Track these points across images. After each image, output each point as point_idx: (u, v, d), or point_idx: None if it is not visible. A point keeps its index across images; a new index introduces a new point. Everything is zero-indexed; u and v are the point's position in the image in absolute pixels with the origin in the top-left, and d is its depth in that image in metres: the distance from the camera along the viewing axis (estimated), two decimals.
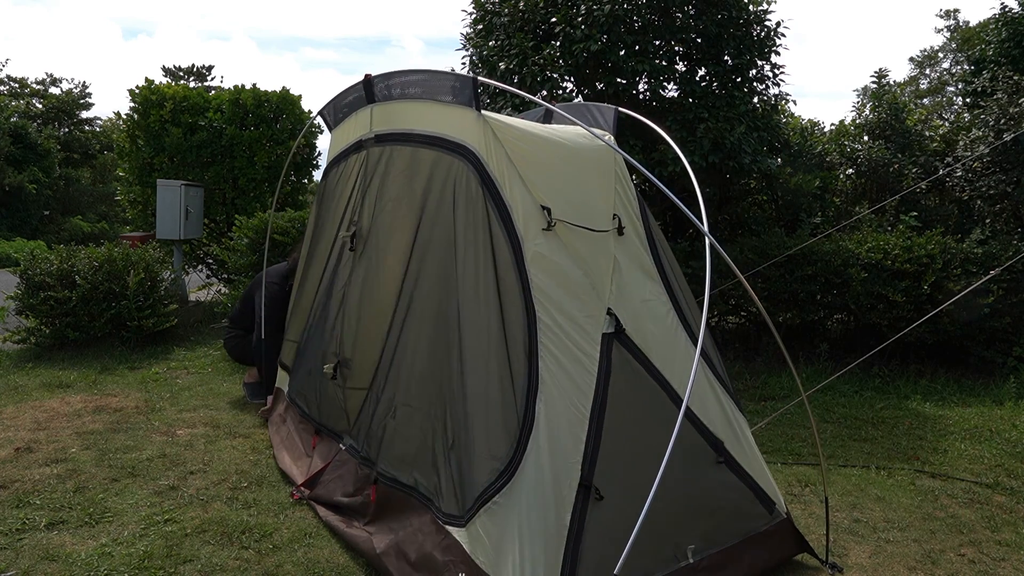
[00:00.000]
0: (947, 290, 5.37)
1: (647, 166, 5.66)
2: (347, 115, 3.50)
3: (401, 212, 2.86)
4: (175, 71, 31.80)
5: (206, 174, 7.70)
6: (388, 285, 2.88)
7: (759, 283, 5.64)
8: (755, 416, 4.48)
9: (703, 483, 2.55)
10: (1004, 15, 8.34)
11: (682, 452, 2.45)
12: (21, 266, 5.84)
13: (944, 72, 28.64)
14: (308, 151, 8.43)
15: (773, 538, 2.63)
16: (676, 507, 2.41)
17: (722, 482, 2.59)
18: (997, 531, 3.05)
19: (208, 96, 8.03)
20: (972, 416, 4.69)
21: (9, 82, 29.37)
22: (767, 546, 2.61)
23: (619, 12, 5.34)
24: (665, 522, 2.36)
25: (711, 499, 2.54)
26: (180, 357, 5.61)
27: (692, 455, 2.53)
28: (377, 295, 2.95)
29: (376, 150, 3.13)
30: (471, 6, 6.25)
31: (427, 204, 2.70)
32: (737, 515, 2.58)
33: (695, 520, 2.47)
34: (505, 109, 5.67)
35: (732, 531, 2.55)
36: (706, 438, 2.59)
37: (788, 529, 2.68)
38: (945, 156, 7.13)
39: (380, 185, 3.07)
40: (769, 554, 2.61)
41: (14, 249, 14.01)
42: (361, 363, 3.01)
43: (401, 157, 2.94)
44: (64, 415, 4.04)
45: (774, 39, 6.00)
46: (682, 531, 2.42)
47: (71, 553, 2.57)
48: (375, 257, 3.02)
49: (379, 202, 3.05)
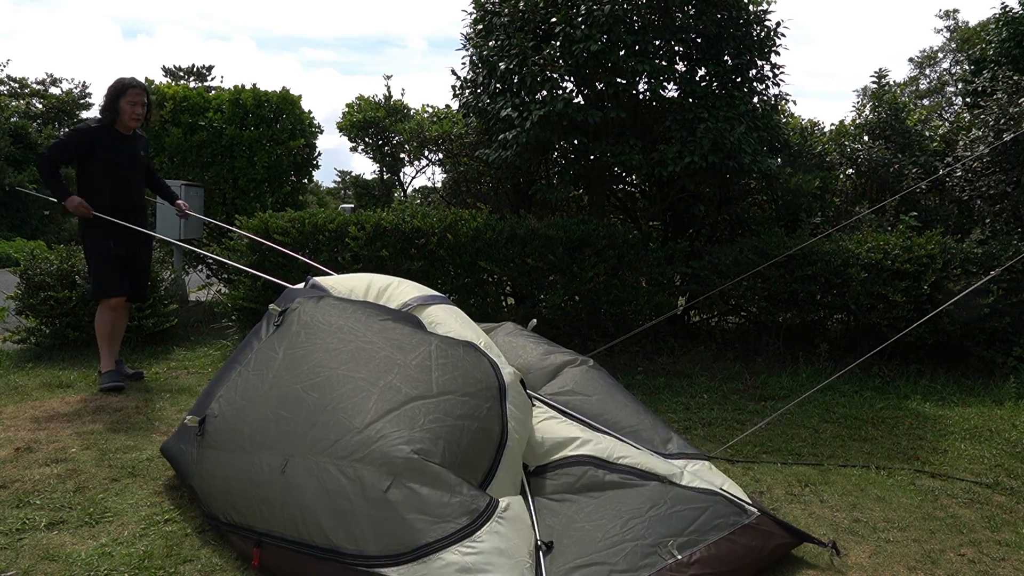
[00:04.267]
0: (947, 290, 5.37)
1: (647, 166, 5.67)
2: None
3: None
4: (175, 71, 31.81)
5: (206, 174, 7.70)
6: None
7: (759, 283, 5.64)
8: (755, 416, 4.48)
9: (662, 501, 2.60)
10: (1004, 15, 8.34)
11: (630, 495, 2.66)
12: (21, 266, 5.84)
13: (944, 72, 28.63)
14: (308, 151, 8.43)
15: (760, 529, 2.60)
16: (644, 530, 2.48)
17: (683, 495, 2.64)
18: (997, 531, 3.05)
19: (208, 96, 8.03)
20: (972, 416, 4.69)
21: (9, 82, 29.36)
22: (758, 536, 2.58)
23: (619, 12, 5.34)
24: (635, 538, 2.42)
25: (679, 509, 2.58)
26: (180, 357, 5.61)
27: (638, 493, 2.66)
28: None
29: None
30: (471, 6, 6.26)
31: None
32: (715, 515, 2.58)
33: (671, 525, 2.51)
34: (505, 109, 5.68)
35: (715, 528, 2.53)
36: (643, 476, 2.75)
37: (771, 521, 2.66)
38: (945, 156, 7.13)
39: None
40: (762, 542, 2.57)
41: (14, 249, 14.01)
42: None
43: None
44: (64, 415, 4.04)
45: (774, 39, 6.00)
46: (661, 536, 2.45)
47: (71, 553, 2.57)
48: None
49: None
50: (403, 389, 2.59)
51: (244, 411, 2.79)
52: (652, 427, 3.16)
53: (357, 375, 2.68)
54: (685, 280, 6.00)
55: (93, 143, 4.51)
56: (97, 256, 4.59)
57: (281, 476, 2.46)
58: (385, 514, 2.23)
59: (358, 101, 8.64)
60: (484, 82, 6.02)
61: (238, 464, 2.65)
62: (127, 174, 4.66)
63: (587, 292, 5.69)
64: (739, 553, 2.48)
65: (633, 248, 5.71)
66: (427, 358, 2.72)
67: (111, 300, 4.63)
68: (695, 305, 6.20)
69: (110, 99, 4.55)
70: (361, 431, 2.46)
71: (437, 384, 2.61)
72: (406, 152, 8.51)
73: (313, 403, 2.63)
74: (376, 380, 2.64)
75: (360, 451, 2.40)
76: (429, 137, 7.62)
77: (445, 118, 7.67)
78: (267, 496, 2.49)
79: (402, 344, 2.80)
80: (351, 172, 16.64)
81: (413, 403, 2.54)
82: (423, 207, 7.04)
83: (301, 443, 2.53)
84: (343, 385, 2.65)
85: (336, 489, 2.34)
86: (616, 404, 3.24)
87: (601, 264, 5.62)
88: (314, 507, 2.34)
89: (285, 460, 2.49)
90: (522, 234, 5.60)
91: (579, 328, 5.88)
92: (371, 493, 2.28)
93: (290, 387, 2.74)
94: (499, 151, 5.92)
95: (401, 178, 9.01)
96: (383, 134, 8.56)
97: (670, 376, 5.44)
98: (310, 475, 2.41)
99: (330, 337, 2.87)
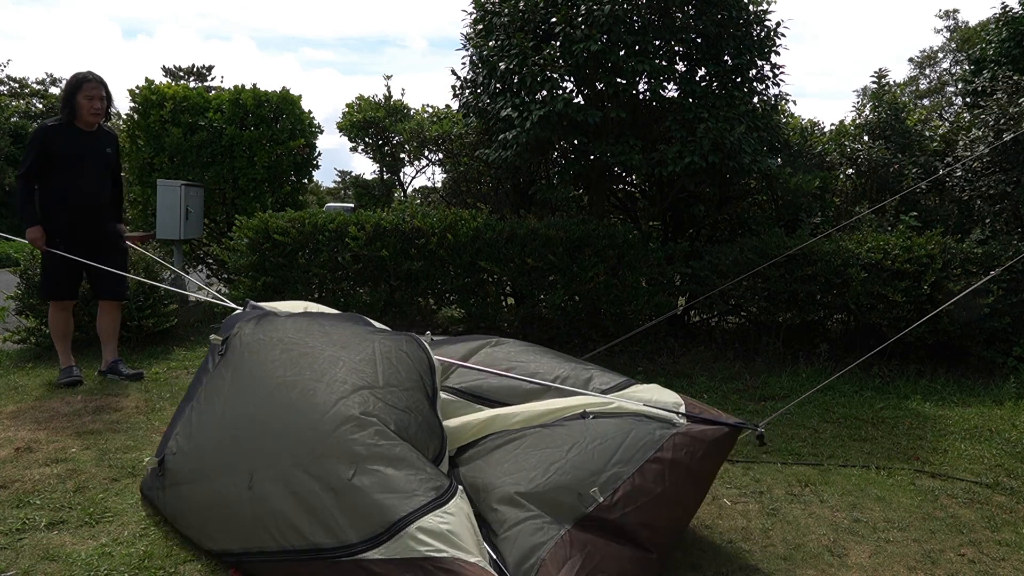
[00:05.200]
0: (947, 290, 5.37)
1: (647, 166, 5.67)
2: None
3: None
4: (175, 71, 31.82)
5: (206, 174, 7.70)
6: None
7: (759, 283, 5.64)
8: (755, 416, 4.48)
9: (583, 438, 2.52)
10: (1004, 15, 8.34)
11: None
12: (21, 266, 5.84)
13: (944, 72, 28.65)
14: (308, 151, 8.43)
15: (689, 436, 2.47)
16: (566, 476, 2.41)
17: (602, 426, 2.56)
18: (997, 531, 3.06)
19: (208, 96, 8.03)
20: (972, 416, 4.69)
21: (9, 82, 29.36)
22: (686, 443, 2.45)
23: (619, 12, 5.34)
24: (558, 486, 2.37)
25: (598, 444, 2.47)
26: (180, 357, 5.61)
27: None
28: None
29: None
30: (471, 6, 6.26)
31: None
32: (638, 438, 2.47)
33: (594, 462, 2.41)
34: (505, 109, 5.68)
35: (641, 449, 2.43)
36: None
37: (698, 422, 2.53)
38: (945, 156, 7.13)
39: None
40: (692, 448, 2.44)
41: (14, 249, 14.00)
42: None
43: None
44: (64, 415, 4.04)
45: (774, 39, 6.00)
46: (582, 478, 2.38)
47: (71, 553, 2.57)
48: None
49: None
50: (350, 380, 2.59)
51: (201, 442, 2.76)
52: (574, 371, 3.00)
53: (303, 377, 2.65)
54: (685, 280, 6.00)
55: (52, 141, 4.46)
56: (47, 258, 4.61)
57: (248, 491, 2.44)
58: (355, 500, 2.23)
59: (358, 101, 8.64)
60: (484, 82, 6.02)
61: (203, 492, 2.63)
62: (87, 171, 4.59)
63: (587, 292, 5.69)
64: (666, 472, 2.38)
65: (633, 248, 5.71)
66: (371, 354, 2.73)
67: (60, 301, 4.69)
68: (695, 305, 6.20)
69: (67, 95, 4.51)
70: (315, 428, 2.46)
71: (383, 377, 2.62)
72: (406, 152, 8.51)
73: (266, 415, 2.61)
74: (321, 377, 2.63)
75: (319, 447, 2.40)
76: (429, 137, 7.62)
77: (445, 118, 7.67)
78: (238, 514, 2.47)
79: (345, 343, 2.81)
80: (351, 172, 16.64)
81: (361, 391, 2.54)
82: (423, 207, 7.04)
83: (261, 456, 2.51)
84: (291, 390, 2.63)
85: (304, 489, 2.33)
86: (530, 359, 3.11)
87: (601, 264, 5.62)
88: (287, 511, 2.33)
89: (250, 475, 2.47)
90: (522, 234, 5.60)
91: (579, 328, 5.88)
92: (337, 484, 2.28)
93: (243, 408, 2.72)
94: (499, 151, 5.92)
95: (401, 178, 9.02)
96: (383, 134, 8.56)
97: (670, 376, 5.44)
98: (276, 483, 2.40)
99: (272, 351, 2.85)
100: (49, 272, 4.68)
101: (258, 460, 2.51)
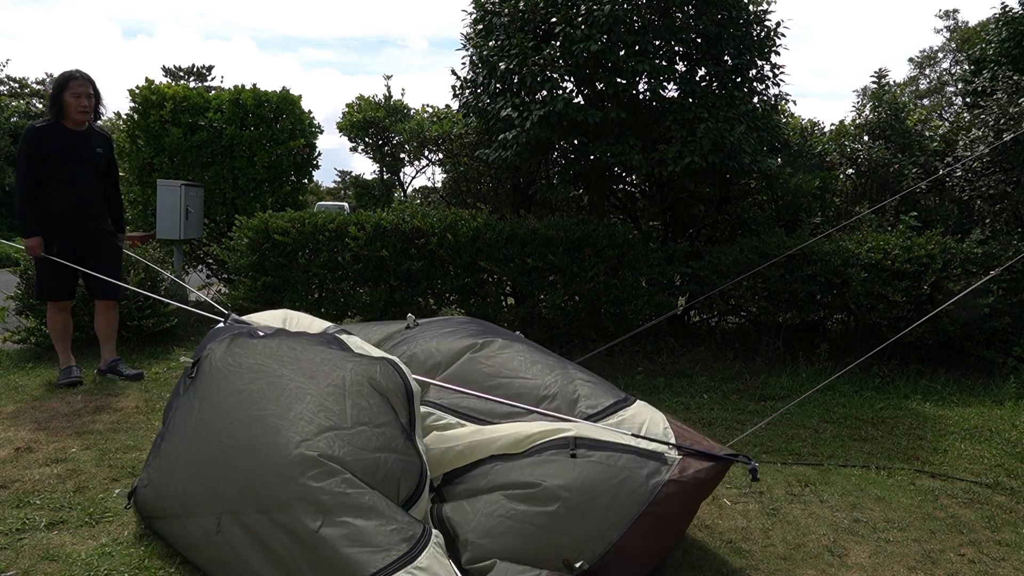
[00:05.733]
0: (947, 290, 5.37)
1: (647, 166, 5.67)
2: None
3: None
4: (175, 71, 31.83)
5: (206, 174, 7.70)
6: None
7: (759, 283, 5.64)
8: (755, 416, 4.49)
9: (572, 486, 2.38)
10: (1004, 15, 8.33)
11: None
12: (21, 266, 5.84)
13: (944, 72, 28.65)
14: (308, 151, 8.43)
15: (683, 480, 2.37)
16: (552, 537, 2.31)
17: (587, 474, 2.41)
18: (997, 531, 3.06)
19: (208, 96, 8.03)
20: (972, 416, 4.69)
21: (9, 82, 29.37)
22: (680, 488, 2.35)
23: (619, 12, 5.34)
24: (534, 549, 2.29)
25: (583, 499, 2.35)
26: (180, 357, 5.61)
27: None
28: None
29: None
30: (471, 6, 6.26)
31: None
32: (631, 487, 2.35)
33: (584, 521, 2.31)
34: (505, 109, 5.68)
35: (627, 515, 2.31)
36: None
37: (690, 454, 2.43)
38: (945, 156, 7.13)
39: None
40: (687, 492, 2.36)
41: (14, 249, 14.02)
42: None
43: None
44: (64, 415, 4.04)
45: (774, 39, 6.00)
46: (566, 551, 2.29)
47: (71, 553, 2.57)
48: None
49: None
50: (316, 420, 2.47)
51: (170, 475, 2.69)
52: (562, 387, 2.83)
53: (267, 412, 2.54)
54: (685, 280, 6.00)
55: (41, 141, 4.43)
56: (42, 259, 4.62)
57: (218, 535, 2.40)
58: (325, 553, 2.16)
59: (358, 101, 8.64)
60: (484, 82, 6.02)
61: (174, 531, 2.60)
62: (77, 171, 4.56)
63: (587, 292, 5.69)
64: (655, 523, 2.32)
65: (633, 248, 5.71)
66: (341, 386, 2.58)
67: (57, 302, 4.70)
68: (695, 305, 6.20)
69: (54, 94, 4.49)
70: (279, 473, 2.36)
71: (352, 415, 2.50)
72: (406, 152, 8.51)
73: (232, 452, 2.52)
74: (287, 412, 2.51)
75: (283, 492, 2.31)
76: (429, 137, 7.62)
77: (445, 118, 7.67)
78: (209, 557, 2.44)
79: (315, 372, 2.67)
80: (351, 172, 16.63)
81: (326, 433, 2.42)
82: (423, 207, 7.04)
83: (228, 499, 2.44)
84: (255, 426, 2.53)
85: (271, 540, 2.26)
86: (516, 368, 2.96)
87: (601, 264, 5.62)
88: (254, 563, 2.27)
89: (217, 520, 2.42)
90: (522, 234, 5.60)
91: (579, 328, 5.88)
92: (304, 534, 2.21)
93: (210, 440, 2.63)
94: (499, 151, 5.92)
95: (401, 178, 9.02)
96: (383, 134, 8.56)
97: (670, 376, 5.44)
98: (245, 531, 2.34)
99: (240, 379, 2.74)
100: (44, 273, 4.68)
101: (224, 503, 2.43)
